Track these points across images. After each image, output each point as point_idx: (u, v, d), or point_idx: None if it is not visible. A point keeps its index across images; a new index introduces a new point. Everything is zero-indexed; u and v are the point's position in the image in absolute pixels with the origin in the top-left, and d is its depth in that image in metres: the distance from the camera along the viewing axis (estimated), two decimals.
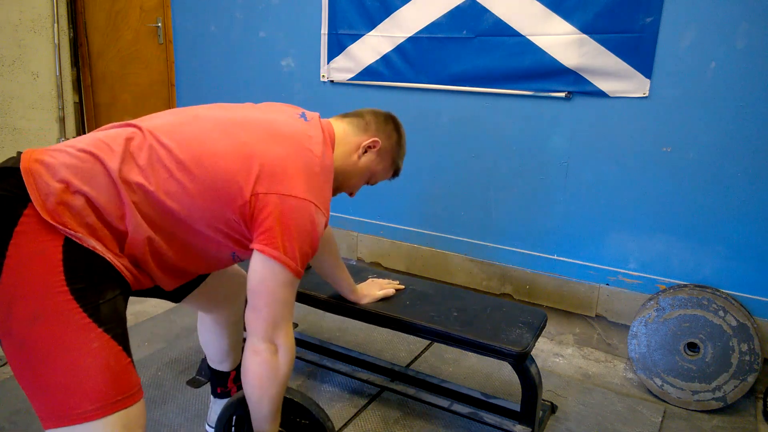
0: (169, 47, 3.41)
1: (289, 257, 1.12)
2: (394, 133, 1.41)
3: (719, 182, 2.02)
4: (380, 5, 2.54)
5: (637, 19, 2.02)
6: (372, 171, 1.41)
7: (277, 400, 1.19)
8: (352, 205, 2.84)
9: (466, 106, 2.46)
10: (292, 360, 1.18)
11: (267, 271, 1.13)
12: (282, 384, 1.18)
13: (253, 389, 1.17)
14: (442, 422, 1.82)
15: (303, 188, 1.14)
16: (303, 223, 1.14)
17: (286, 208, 1.11)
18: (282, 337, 1.16)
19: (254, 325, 1.15)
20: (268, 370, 1.15)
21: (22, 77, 3.36)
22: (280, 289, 1.14)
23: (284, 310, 1.16)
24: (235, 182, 1.11)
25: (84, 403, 0.98)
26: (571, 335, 2.41)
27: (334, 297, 1.73)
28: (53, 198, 1.01)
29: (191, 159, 1.11)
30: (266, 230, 1.11)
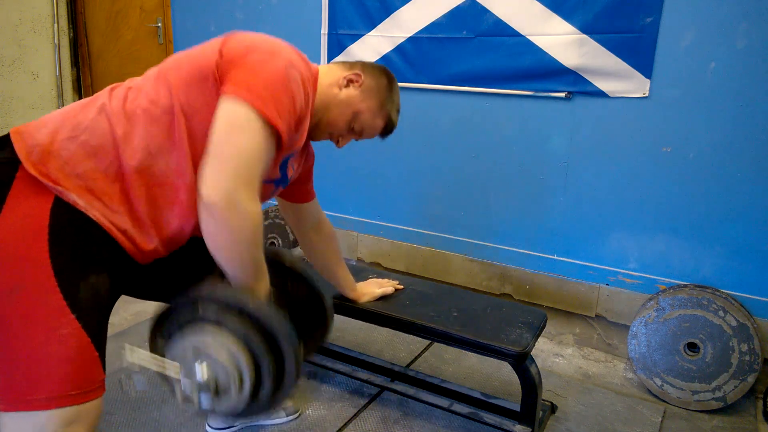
0: (169, 47, 3.41)
1: (256, 97, 1.00)
2: (382, 77, 1.32)
3: (719, 182, 2.02)
4: (380, 5, 2.54)
5: (637, 19, 2.02)
6: (355, 108, 1.28)
7: (250, 265, 1.06)
8: (352, 205, 2.85)
9: (466, 106, 2.46)
10: (253, 220, 1.01)
11: (228, 114, 1.00)
12: (250, 247, 1.03)
13: (217, 253, 1.03)
14: (442, 422, 1.82)
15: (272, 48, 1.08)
16: (271, 67, 1.04)
17: (253, 56, 1.05)
18: (242, 195, 0.98)
19: (204, 176, 0.98)
20: (228, 235, 1.00)
21: (22, 77, 3.36)
22: (243, 134, 0.99)
23: (245, 161, 0.99)
24: (209, 52, 1.07)
25: (37, 391, 0.95)
26: (571, 335, 2.41)
27: (334, 297, 1.73)
28: (39, 149, 0.99)
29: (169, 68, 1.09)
30: (230, 76, 1.03)
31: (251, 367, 1.00)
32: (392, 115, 1.36)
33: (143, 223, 1.08)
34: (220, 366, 0.99)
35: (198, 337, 1.01)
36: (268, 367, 1.00)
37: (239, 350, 0.99)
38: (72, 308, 0.98)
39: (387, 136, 1.40)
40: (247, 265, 1.06)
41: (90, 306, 1.02)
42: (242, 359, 0.99)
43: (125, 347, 1.00)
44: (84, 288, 1.00)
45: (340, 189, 2.85)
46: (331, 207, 2.88)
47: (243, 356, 0.99)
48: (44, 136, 1.02)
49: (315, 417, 1.81)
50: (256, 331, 0.99)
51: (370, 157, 2.73)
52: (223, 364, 0.98)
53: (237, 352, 0.98)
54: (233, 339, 0.99)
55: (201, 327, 1.02)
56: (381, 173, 2.73)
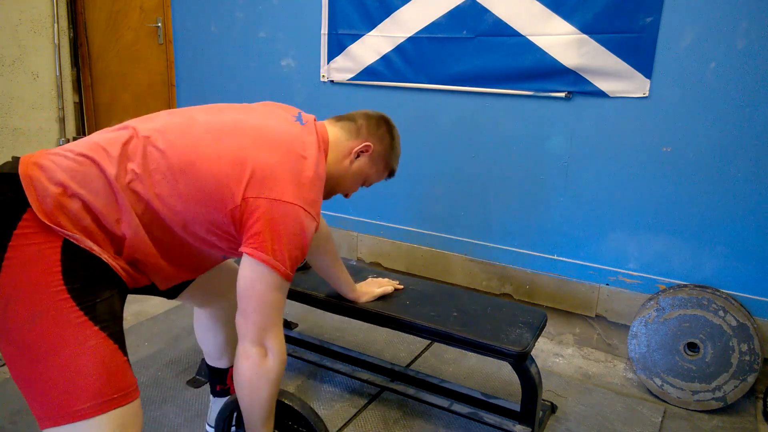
0: (169, 47, 3.41)
1: (279, 261, 1.13)
2: (386, 136, 1.40)
3: (719, 182, 2.02)
4: (380, 5, 2.54)
5: (637, 19, 2.02)
6: (365, 175, 1.42)
7: (268, 404, 1.20)
8: (352, 205, 2.84)
9: (466, 106, 2.46)
10: (282, 363, 1.19)
11: (256, 275, 1.14)
12: (272, 387, 1.18)
13: (244, 393, 1.18)
14: (442, 422, 1.82)
15: (293, 193, 1.14)
16: (292, 227, 1.14)
17: (275, 213, 1.12)
18: (271, 340, 1.17)
19: (244, 329, 1.16)
20: (258, 374, 1.16)
21: (22, 77, 3.36)
22: (270, 293, 1.15)
23: (273, 313, 1.17)
24: (226, 186, 1.12)
25: (78, 402, 0.98)
26: (571, 335, 2.41)
27: (334, 297, 1.73)
28: (50, 200, 1.02)
29: (184, 163, 1.12)
30: (255, 234, 1.12)
31: None
32: (395, 167, 1.49)
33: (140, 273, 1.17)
34: None
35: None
36: None
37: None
38: (94, 321, 1.02)
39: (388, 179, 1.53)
40: (265, 404, 1.19)
41: (109, 318, 1.06)
42: None
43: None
44: (100, 304, 1.05)
45: None
46: (331, 207, 2.88)
47: None
48: (54, 187, 1.04)
49: None
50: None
51: None
52: None
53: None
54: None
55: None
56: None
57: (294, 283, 1.82)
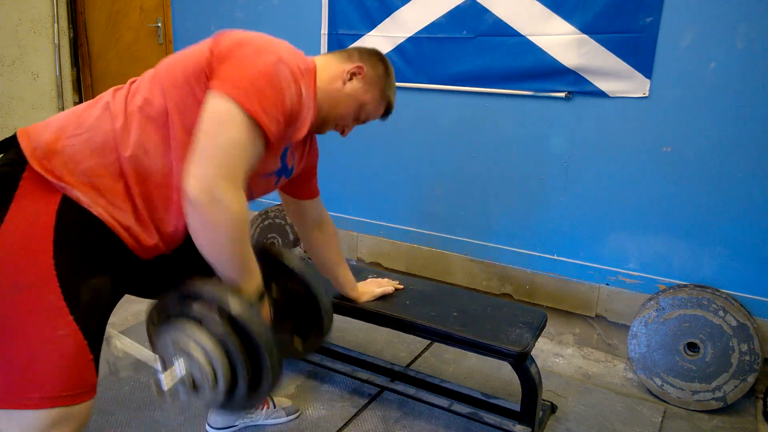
0: (169, 47, 3.41)
1: (240, 92, 1.00)
2: (379, 63, 1.34)
3: (719, 182, 2.02)
4: (380, 5, 2.54)
5: (637, 19, 2.02)
6: (360, 101, 1.31)
7: (235, 259, 1.05)
8: (352, 205, 2.85)
9: (466, 106, 2.46)
10: (235, 214, 0.99)
11: (212, 109, 1.00)
12: (232, 240, 1.02)
13: (203, 250, 1.04)
14: (442, 422, 1.82)
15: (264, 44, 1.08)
16: (260, 63, 1.03)
17: (241, 49, 1.05)
18: (224, 189, 0.98)
19: (191, 171, 0.98)
20: (211, 229, 1.00)
21: (22, 77, 3.36)
22: (226, 129, 0.99)
23: (228, 157, 0.99)
24: (198, 52, 1.08)
25: (30, 390, 0.97)
26: (571, 335, 2.41)
27: (334, 297, 1.73)
28: (44, 146, 1.01)
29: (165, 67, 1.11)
30: (218, 72, 1.03)
31: (226, 367, 1.01)
32: (392, 100, 1.39)
33: (144, 220, 1.09)
34: (195, 363, 1.00)
35: (179, 333, 1.02)
36: (243, 370, 1.01)
37: (215, 350, 1.00)
38: (71, 310, 0.99)
39: (386, 118, 1.43)
40: (233, 261, 1.05)
41: (90, 308, 1.03)
42: (217, 359, 1.00)
43: (111, 333, 1.02)
44: (85, 290, 1.02)
45: (341, 189, 2.85)
46: (331, 207, 2.87)
47: (218, 356, 1.00)
48: (49, 134, 1.03)
49: (315, 417, 1.81)
50: (234, 333, 1.00)
51: (371, 158, 2.73)
52: (199, 361, 1.00)
53: (213, 351, 1.00)
54: (211, 338, 1.00)
55: (183, 323, 1.03)
56: (381, 173, 2.73)
57: None
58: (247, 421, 1.73)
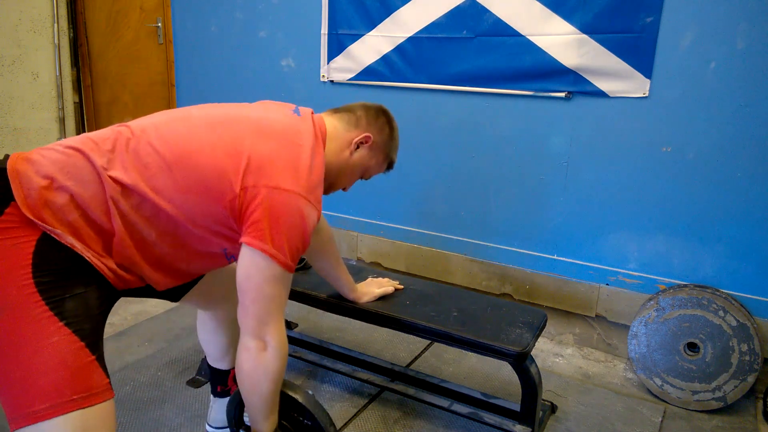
0: (169, 47, 3.41)
1: (277, 250, 1.10)
2: (386, 127, 1.38)
3: (719, 182, 2.02)
4: (380, 5, 2.54)
5: (637, 19, 2.02)
6: (365, 166, 1.39)
7: (269, 398, 1.18)
8: (352, 205, 2.84)
9: (466, 106, 2.46)
10: (282, 357, 1.17)
11: (253, 264, 1.11)
12: (273, 381, 1.16)
13: (244, 386, 1.17)
14: (442, 422, 1.82)
15: (292, 181, 1.12)
16: (292, 215, 1.11)
17: (274, 200, 1.10)
18: (271, 333, 1.14)
19: (243, 322, 1.15)
20: (258, 368, 1.14)
21: (22, 77, 3.36)
22: (268, 284, 1.12)
23: (272, 306, 1.14)
24: (224, 176, 1.10)
25: (36, 402, 0.94)
26: (571, 335, 2.41)
27: (334, 297, 1.73)
28: (35, 194, 1.01)
29: (180, 156, 1.11)
30: (254, 222, 1.10)
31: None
32: (394, 158, 1.46)
33: (127, 273, 1.14)
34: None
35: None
36: None
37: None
38: (60, 317, 0.98)
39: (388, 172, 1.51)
40: (267, 398, 1.18)
41: (79, 312, 1.02)
42: None
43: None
44: (70, 300, 1.01)
45: None
46: (331, 207, 2.88)
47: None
48: (40, 180, 1.02)
49: None
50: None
51: None
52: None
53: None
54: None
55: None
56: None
57: (294, 283, 1.82)
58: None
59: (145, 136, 1.13)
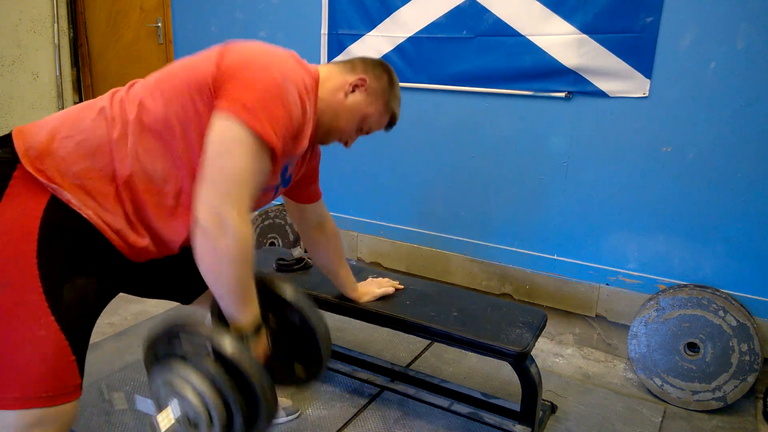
0: (169, 47, 3.41)
1: (249, 113, 0.99)
2: (384, 75, 1.32)
3: (719, 182, 2.02)
4: (380, 5, 2.54)
5: (637, 19, 2.02)
6: (363, 113, 1.30)
7: (237, 286, 1.04)
8: (352, 205, 2.85)
9: (466, 106, 2.46)
10: (242, 240, 1.00)
11: (221, 130, 1.00)
12: (236, 267, 1.02)
13: (206, 276, 1.04)
14: (442, 422, 1.82)
15: (269, 62, 1.07)
16: (267, 81, 1.02)
17: (249, 69, 1.04)
18: (230, 214, 0.98)
19: (199, 197, 0.99)
20: (216, 253, 0.99)
21: (22, 77, 3.36)
22: (235, 151, 0.99)
23: (236, 180, 0.99)
24: (202, 66, 1.08)
25: (8, 390, 0.96)
26: (571, 335, 2.41)
27: (334, 297, 1.73)
28: (37, 146, 1.01)
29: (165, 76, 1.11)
30: (225, 91, 1.02)
31: (220, 407, 1.00)
32: (396, 111, 1.37)
33: (135, 225, 1.09)
34: (189, 404, 1.00)
35: (171, 374, 1.02)
36: (238, 408, 1.00)
37: (208, 390, 0.99)
38: (52, 310, 0.98)
39: (390, 128, 1.41)
40: (236, 289, 1.05)
41: (73, 309, 1.02)
42: (211, 399, 0.99)
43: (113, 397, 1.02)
44: (68, 290, 1.01)
45: (341, 189, 2.85)
46: (331, 207, 2.86)
47: (212, 396, 0.99)
48: (44, 134, 1.03)
49: (315, 417, 1.81)
50: (226, 373, 1.00)
51: (371, 158, 2.73)
52: (192, 402, 0.99)
53: (205, 392, 0.99)
54: (203, 379, 1.00)
55: (175, 363, 1.02)
56: (381, 173, 2.73)
57: (294, 283, 1.81)
58: None
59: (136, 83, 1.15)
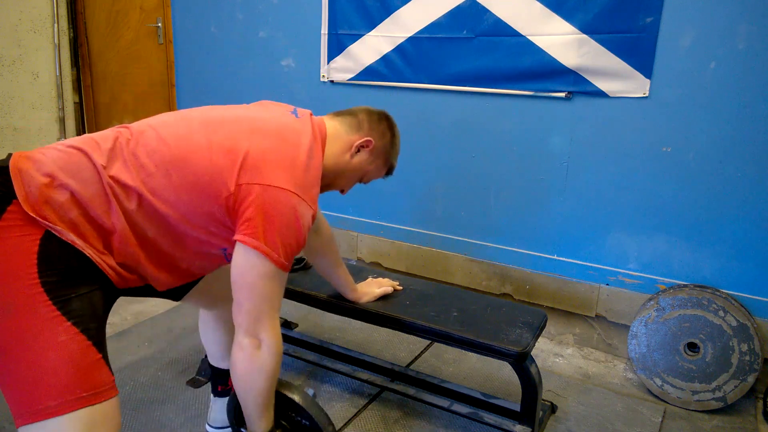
0: (169, 47, 3.41)
1: (270, 247, 1.10)
2: (387, 132, 1.39)
3: (719, 182, 2.02)
4: (380, 5, 2.54)
5: (637, 19, 2.02)
6: (364, 170, 1.40)
7: (263, 396, 1.18)
8: (352, 205, 2.84)
9: (466, 106, 2.46)
10: (276, 355, 1.16)
11: (247, 262, 1.11)
12: (267, 379, 1.17)
13: (239, 385, 1.17)
14: (442, 422, 1.82)
15: (286, 179, 1.13)
16: (286, 213, 1.12)
17: (268, 198, 1.10)
18: (265, 331, 1.14)
19: (237, 320, 1.15)
20: (252, 366, 1.14)
21: (22, 77, 3.36)
22: (261, 282, 1.12)
23: (266, 304, 1.14)
24: (219, 175, 1.11)
25: (46, 399, 0.96)
26: (571, 335, 2.41)
27: (334, 297, 1.73)
28: (36, 191, 1.02)
29: (176, 156, 1.12)
30: (247, 220, 1.10)
31: None
32: (394, 164, 1.47)
33: (128, 271, 1.14)
34: None
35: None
36: None
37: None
38: (67, 316, 1.00)
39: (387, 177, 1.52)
40: (261, 398, 1.18)
41: (85, 312, 1.03)
42: None
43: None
44: (76, 299, 1.03)
45: None
46: (331, 207, 2.88)
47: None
48: (42, 177, 1.03)
49: None
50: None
51: None
52: None
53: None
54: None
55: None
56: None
57: (294, 283, 1.82)
58: None
59: (143, 137, 1.14)
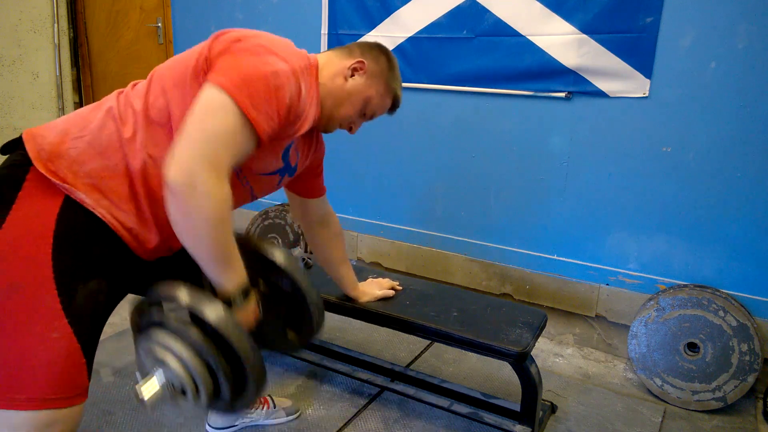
0: (169, 47, 3.41)
1: (230, 82, 0.99)
2: (381, 56, 1.31)
3: (719, 182, 2.02)
4: (380, 5, 2.54)
5: (637, 19, 2.02)
6: (364, 95, 1.29)
7: (216, 248, 1.01)
8: (352, 205, 2.84)
9: (466, 106, 2.46)
10: (219, 201, 0.97)
11: (204, 98, 1.00)
12: (215, 227, 0.97)
13: (182, 238, 1.01)
14: (442, 422, 1.82)
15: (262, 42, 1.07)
16: (254, 59, 1.03)
17: (238, 46, 1.05)
18: (204, 175, 0.94)
19: (172, 154, 0.96)
20: (190, 213, 0.96)
21: (22, 77, 3.36)
22: (215, 117, 0.98)
23: (218, 141, 0.97)
24: (197, 56, 1.07)
25: (20, 391, 0.97)
26: (571, 335, 2.41)
27: (334, 297, 1.73)
28: (48, 148, 1.02)
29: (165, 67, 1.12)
30: (214, 66, 1.03)
31: (206, 376, 0.99)
32: (398, 92, 1.36)
33: (147, 221, 1.10)
34: (171, 372, 0.98)
35: (154, 343, 1.01)
36: (224, 377, 0.99)
37: (192, 359, 0.98)
38: (66, 313, 0.99)
39: (394, 111, 1.40)
40: (214, 253, 1.01)
41: (86, 312, 1.03)
42: (195, 368, 0.98)
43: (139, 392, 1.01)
44: (82, 293, 1.02)
45: (341, 189, 2.85)
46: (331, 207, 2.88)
47: (196, 365, 0.98)
48: (54, 136, 1.04)
49: (315, 417, 1.81)
50: (210, 341, 0.98)
51: (371, 158, 2.73)
52: (176, 371, 0.98)
53: (190, 361, 0.98)
54: (187, 348, 0.98)
55: (158, 332, 1.02)
56: (381, 173, 2.73)
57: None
58: (247, 421, 1.73)
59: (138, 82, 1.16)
